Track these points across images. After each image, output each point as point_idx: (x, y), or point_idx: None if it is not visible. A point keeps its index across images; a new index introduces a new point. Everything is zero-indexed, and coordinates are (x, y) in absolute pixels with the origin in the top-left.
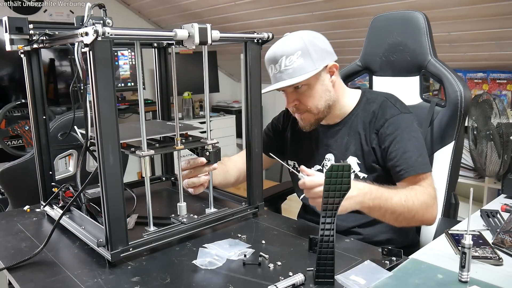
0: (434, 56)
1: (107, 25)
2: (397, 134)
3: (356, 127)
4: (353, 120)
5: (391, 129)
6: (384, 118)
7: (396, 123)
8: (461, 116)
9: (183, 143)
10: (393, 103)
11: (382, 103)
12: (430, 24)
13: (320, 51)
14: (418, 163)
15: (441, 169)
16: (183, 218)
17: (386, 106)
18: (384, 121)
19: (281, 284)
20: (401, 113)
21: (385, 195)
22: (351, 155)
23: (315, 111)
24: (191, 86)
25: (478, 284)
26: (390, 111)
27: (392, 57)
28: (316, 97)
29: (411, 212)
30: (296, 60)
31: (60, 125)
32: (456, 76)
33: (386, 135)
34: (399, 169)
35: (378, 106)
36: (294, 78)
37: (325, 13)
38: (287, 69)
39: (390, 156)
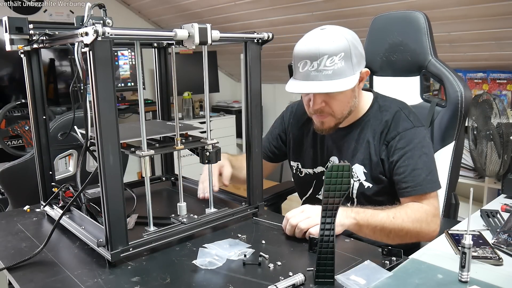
0: (434, 56)
1: (107, 25)
2: (408, 150)
3: (366, 135)
4: (363, 126)
5: (403, 143)
6: (396, 130)
7: (408, 138)
8: (462, 116)
9: (183, 143)
10: (406, 115)
11: (396, 114)
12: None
13: (359, 55)
14: (427, 181)
15: (442, 169)
16: (183, 218)
17: (400, 118)
18: (396, 133)
19: (281, 284)
20: (414, 127)
21: (369, 211)
22: (358, 163)
23: (338, 116)
24: (191, 86)
25: (478, 284)
26: (403, 124)
27: (392, 57)
28: (344, 102)
29: (402, 230)
30: (338, 62)
31: (60, 125)
32: (456, 76)
33: (397, 149)
34: (406, 186)
35: (391, 116)
36: (333, 81)
37: (325, 13)
38: (326, 70)
39: (398, 171)
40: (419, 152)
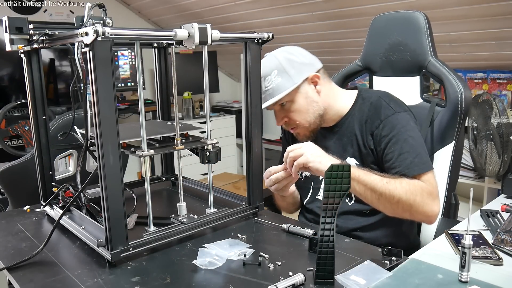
0: (434, 56)
1: (107, 25)
2: (392, 136)
3: (353, 128)
4: (350, 121)
5: (386, 130)
6: (378, 119)
7: (391, 124)
8: (462, 116)
9: (183, 143)
10: (387, 103)
11: (376, 102)
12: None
13: (297, 65)
14: (414, 164)
15: (441, 169)
16: (183, 218)
17: (380, 105)
18: (379, 122)
19: (281, 284)
20: (395, 112)
21: (363, 171)
22: (349, 156)
23: (305, 125)
24: (191, 86)
25: (478, 284)
26: (384, 111)
27: (392, 57)
28: (302, 111)
29: (393, 197)
30: (274, 80)
31: (60, 125)
32: (456, 76)
33: (382, 137)
34: (395, 171)
35: (371, 105)
36: (274, 97)
37: (325, 13)
38: (267, 89)
39: (386, 158)
40: (404, 136)
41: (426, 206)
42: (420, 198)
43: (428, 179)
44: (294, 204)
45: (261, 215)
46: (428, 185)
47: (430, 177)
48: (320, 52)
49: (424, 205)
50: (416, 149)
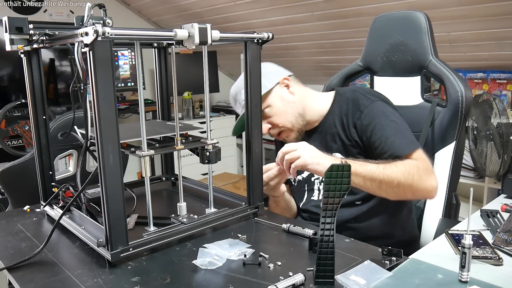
0: (435, 56)
1: (107, 25)
2: (375, 123)
3: (334, 124)
4: (330, 118)
5: (368, 119)
6: (358, 110)
7: (371, 113)
8: (462, 116)
9: (183, 143)
10: (363, 94)
11: (352, 95)
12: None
13: (266, 74)
14: (403, 145)
15: (442, 169)
16: (183, 218)
17: (357, 98)
18: (360, 113)
19: (281, 284)
20: (373, 101)
21: (358, 162)
22: (334, 152)
23: (288, 126)
24: (191, 86)
25: (478, 284)
26: (362, 102)
27: (393, 57)
28: (281, 113)
29: (393, 181)
30: None
31: (60, 125)
32: (457, 76)
33: (365, 126)
34: (387, 155)
35: (348, 99)
36: None
37: (325, 13)
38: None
39: (374, 146)
40: (386, 121)
41: (425, 182)
42: (418, 175)
43: (419, 156)
44: (288, 209)
45: (261, 215)
46: (422, 161)
47: (421, 154)
48: (320, 52)
49: (423, 181)
50: (400, 131)
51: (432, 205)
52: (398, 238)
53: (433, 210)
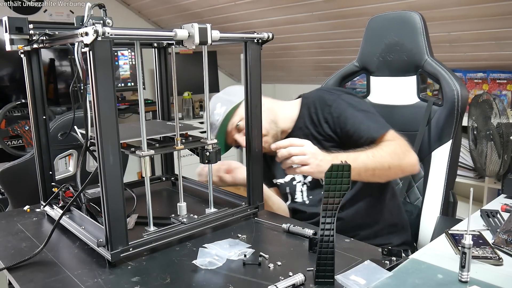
0: (430, 55)
1: (107, 25)
2: (346, 113)
3: (305, 126)
4: (301, 122)
5: (338, 111)
6: (326, 105)
7: (339, 105)
8: (458, 114)
9: (183, 143)
10: (328, 91)
11: (318, 94)
12: (430, 24)
13: (234, 92)
14: (376, 128)
15: (439, 168)
16: (183, 218)
17: (323, 95)
18: (329, 108)
19: (281, 284)
20: (339, 95)
21: (351, 156)
22: None
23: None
24: (191, 86)
25: (478, 284)
26: (329, 97)
27: (389, 57)
28: None
29: (383, 164)
30: (220, 110)
31: (60, 125)
32: (452, 75)
33: (336, 118)
34: (363, 140)
35: (315, 98)
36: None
37: (325, 13)
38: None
39: (349, 133)
40: (354, 110)
41: (408, 157)
42: (402, 153)
43: (394, 135)
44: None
45: (261, 215)
46: (398, 140)
47: (394, 134)
48: (320, 52)
49: (407, 158)
50: (371, 117)
51: (430, 203)
52: (386, 222)
53: (431, 208)
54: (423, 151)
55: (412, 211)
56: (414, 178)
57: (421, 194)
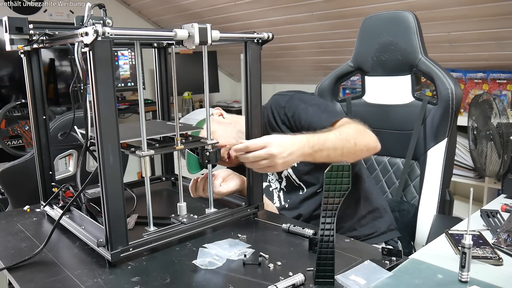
0: (424, 55)
1: (107, 25)
2: (298, 111)
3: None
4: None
5: (291, 111)
6: (281, 107)
7: (292, 105)
8: (453, 113)
9: (183, 143)
10: (280, 94)
11: (273, 100)
12: (430, 24)
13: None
14: (329, 117)
15: (435, 166)
16: (183, 218)
17: (277, 99)
18: (283, 109)
19: (281, 284)
20: (291, 96)
21: (322, 138)
22: None
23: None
24: (191, 86)
25: (478, 284)
26: (282, 99)
27: (383, 57)
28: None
29: (350, 141)
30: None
31: (60, 125)
32: (447, 74)
33: (291, 118)
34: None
35: (271, 105)
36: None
37: (325, 13)
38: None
39: (304, 128)
40: (306, 106)
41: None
42: (364, 132)
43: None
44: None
45: (261, 215)
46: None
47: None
48: (320, 52)
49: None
50: (322, 109)
51: (426, 202)
52: (366, 209)
53: (428, 206)
54: (418, 149)
55: (409, 210)
56: (410, 177)
57: (418, 193)
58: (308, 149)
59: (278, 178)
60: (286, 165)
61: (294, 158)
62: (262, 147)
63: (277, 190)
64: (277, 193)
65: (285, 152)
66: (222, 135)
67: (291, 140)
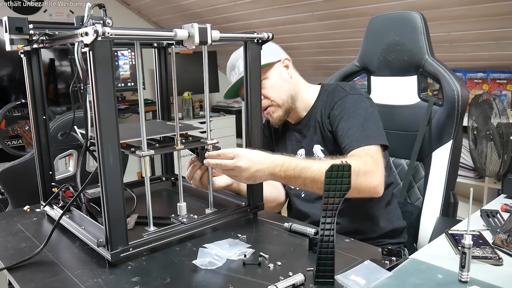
0: (431, 55)
1: (107, 25)
2: (343, 114)
3: (316, 117)
4: (315, 112)
5: (339, 110)
6: (333, 101)
7: (343, 104)
8: (459, 115)
9: (183, 143)
10: (342, 87)
11: (334, 88)
12: (430, 24)
13: (269, 49)
14: (362, 137)
15: (440, 168)
16: (183, 218)
17: (336, 90)
18: (334, 104)
19: (281, 284)
20: (348, 94)
21: (301, 165)
22: (315, 144)
23: (279, 101)
24: (191, 86)
25: (478, 284)
26: (338, 94)
27: (389, 57)
28: (276, 88)
29: None
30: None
31: (60, 125)
32: (453, 75)
33: (335, 117)
34: (344, 145)
35: (330, 92)
36: None
37: (325, 13)
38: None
39: (338, 135)
40: (353, 113)
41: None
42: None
43: (370, 152)
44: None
45: (261, 215)
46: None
47: (372, 150)
48: (320, 52)
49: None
50: (364, 124)
51: (430, 204)
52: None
53: (431, 209)
54: (423, 151)
55: (412, 212)
56: (414, 178)
57: (422, 195)
58: (279, 171)
59: None
60: (251, 179)
61: (262, 176)
62: (231, 157)
63: None
64: None
65: (253, 168)
66: (273, 87)
67: (263, 158)
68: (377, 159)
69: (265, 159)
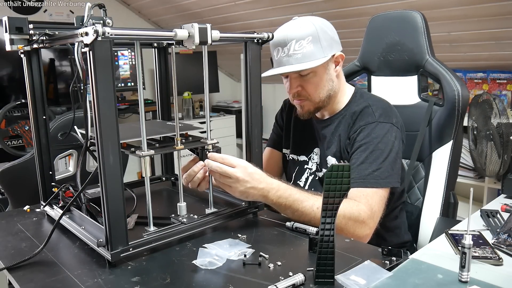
0: (432, 55)
1: (107, 25)
2: (363, 143)
3: (340, 129)
4: (340, 120)
5: (361, 136)
6: (359, 124)
7: (367, 132)
8: (459, 115)
9: (183, 143)
10: (373, 111)
11: (364, 109)
12: (430, 24)
13: (329, 39)
14: (372, 176)
15: (440, 168)
16: (183, 218)
17: (365, 113)
18: (358, 127)
19: (281, 284)
20: (376, 122)
21: (294, 196)
22: (330, 155)
23: (316, 100)
24: (191, 86)
25: (478, 284)
26: (366, 118)
27: (390, 57)
28: (320, 85)
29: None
30: (306, 46)
31: (60, 125)
32: (453, 75)
33: (355, 141)
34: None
35: (358, 111)
36: (302, 63)
37: (325, 13)
38: (295, 54)
39: (350, 162)
40: (373, 146)
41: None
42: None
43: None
44: None
45: (261, 215)
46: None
47: (373, 196)
48: None
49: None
50: (380, 163)
51: (430, 204)
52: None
53: (431, 209)
54: (423, 151)
55: (412, 212)
56: (414, 179)
57: (422, 195)
58: (272, 196)
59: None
60: (244, 195)
61: (255, 195)
62: (234, 166)
63: (310, 172)
64: (307, 175)
65: (249, 183)
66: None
67: (262, 177)
68: (375, 210)
69: (263, 179)
